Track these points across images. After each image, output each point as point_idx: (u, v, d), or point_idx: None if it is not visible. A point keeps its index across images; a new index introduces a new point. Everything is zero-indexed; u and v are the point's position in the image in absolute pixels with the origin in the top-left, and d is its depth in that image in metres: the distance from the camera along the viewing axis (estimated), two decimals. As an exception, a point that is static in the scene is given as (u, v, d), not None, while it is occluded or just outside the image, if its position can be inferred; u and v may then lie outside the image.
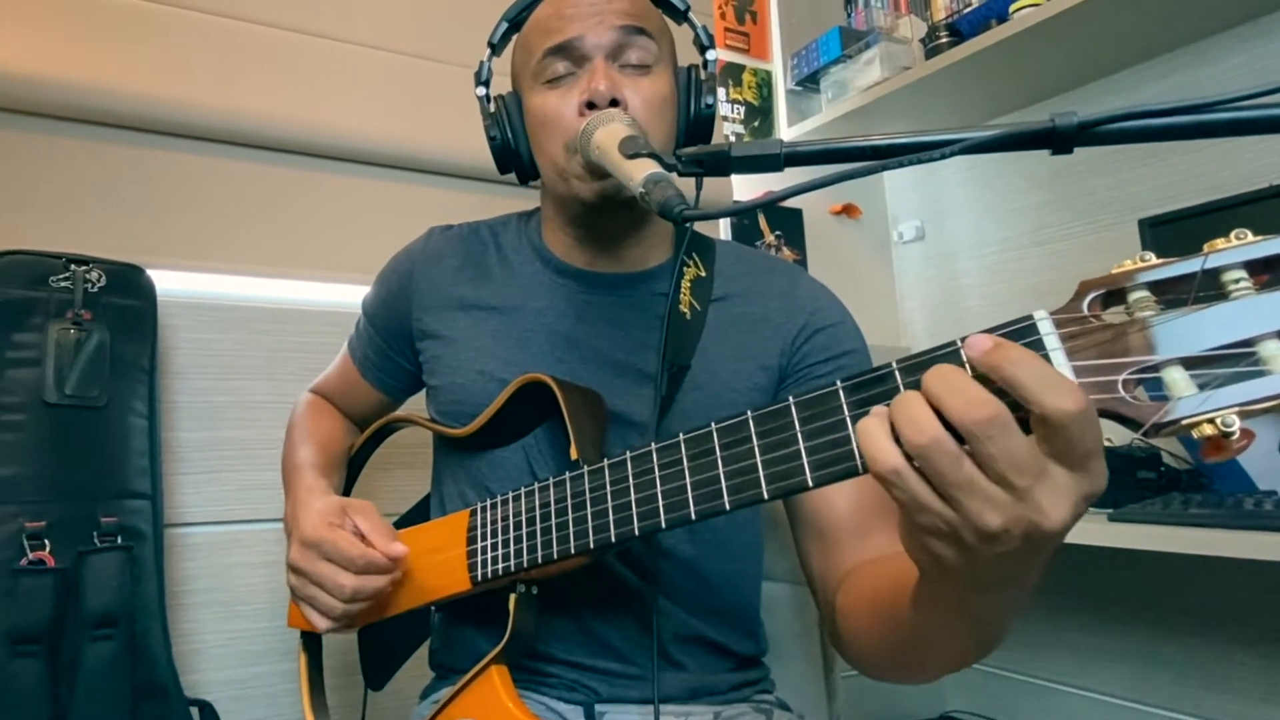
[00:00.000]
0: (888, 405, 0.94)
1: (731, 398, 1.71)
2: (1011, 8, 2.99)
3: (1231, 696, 2.63)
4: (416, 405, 2.07)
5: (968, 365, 0.92)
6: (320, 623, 1.62)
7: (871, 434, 0.94)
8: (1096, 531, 2.11)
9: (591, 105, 1.60)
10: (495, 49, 1.86)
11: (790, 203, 3.70)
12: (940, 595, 1.11)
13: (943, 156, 1.05)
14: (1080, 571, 2.94)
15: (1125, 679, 2.84)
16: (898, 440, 0.91)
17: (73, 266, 2.16)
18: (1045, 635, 3.05)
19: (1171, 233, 2.69)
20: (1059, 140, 1.03)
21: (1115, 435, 2.51)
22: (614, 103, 1.60)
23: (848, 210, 3.91)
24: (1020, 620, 2.91)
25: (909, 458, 0.91)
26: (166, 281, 2.38)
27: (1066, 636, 2.98)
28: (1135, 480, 2.42)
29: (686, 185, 1.37)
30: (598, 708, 1.66)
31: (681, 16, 1.83)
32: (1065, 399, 0.82)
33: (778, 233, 3.66)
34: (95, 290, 2.17)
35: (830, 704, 2.10)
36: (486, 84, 1.84)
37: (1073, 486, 0.87)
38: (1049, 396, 0.83)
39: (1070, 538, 2.03)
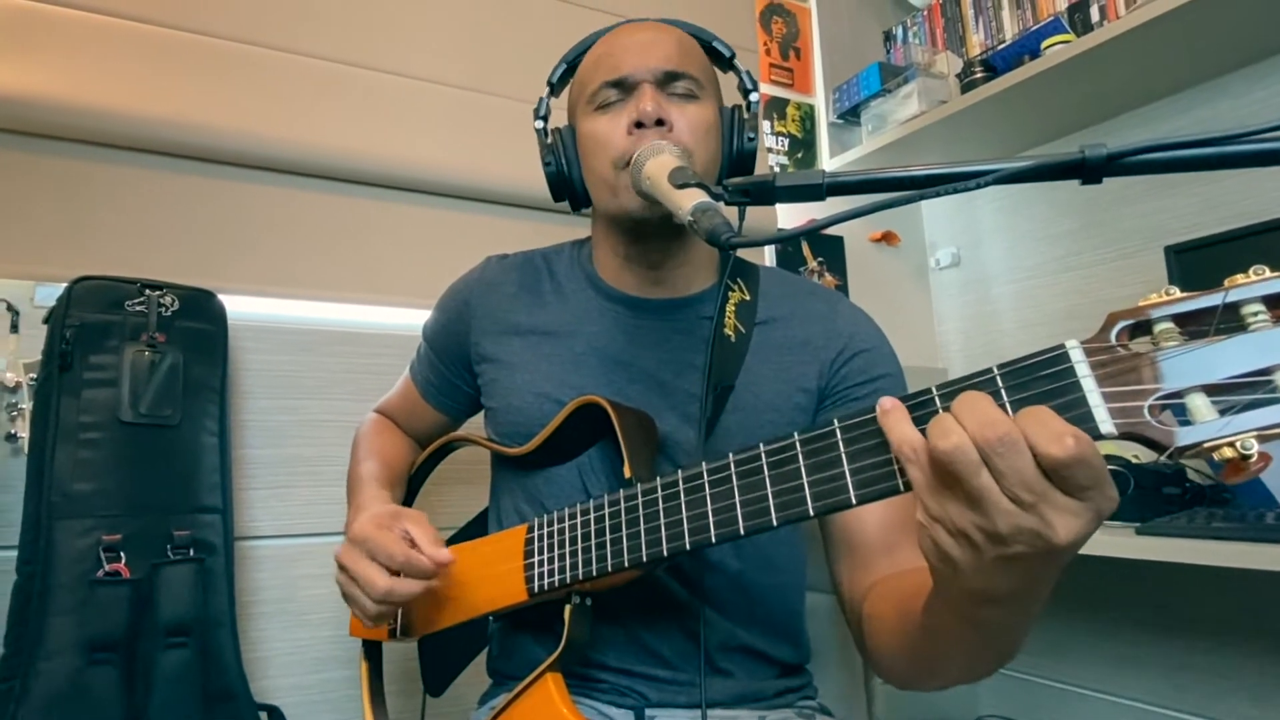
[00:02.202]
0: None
1: (773, 417, 1.73)
2: (1043, 44, 3.01)
3: (1254, 702, 2.62)
4: (474, 424, 2.09)
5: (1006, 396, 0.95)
6: (362, 619, 1.63)
7: (895, 417, 1.00)
8: (1124, 544, 2.11)
9: (639, 125, 1.63)
10: (554, 88, 1.89)
11: (832, 230, 3.72)
12: (951, 602, 1.14)
13: (978, 186, 1.07)
14: (1109, 583, 2.94)
15: (1151, 686, 2.84)
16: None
17: (147, 291, 2.19)
18: (1075, 643, 3.05)
19: (1195, 259, 2.69)
20: (1088, 171, 1.04)
21: (1142, 453, 2.51)
22: (660, 123, 1.63)
23: (887, 238, 3.91)
24: (1052, 630, 2.92)
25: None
26: (236, 305, 2.41)
27: (1095, 644, 2.98)
28: (1161, 496, 2.41)
29: (733, 214, 1.39)
30: (647, 712, 1.67)
31: (727, 64, 1.86)
32: (1053, 446, 0.86)
33: (820, 259, 3.66)
34: (169, 314, 2.19)
35: (870, 709, 2.11)
36: (545, 119, 1.87)
37: (1077, 509, 0.90)
38: (1040, 442, 0.87)
39: (1099, 550, 2.05)
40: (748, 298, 1.83)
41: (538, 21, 3.15)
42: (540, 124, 1.87)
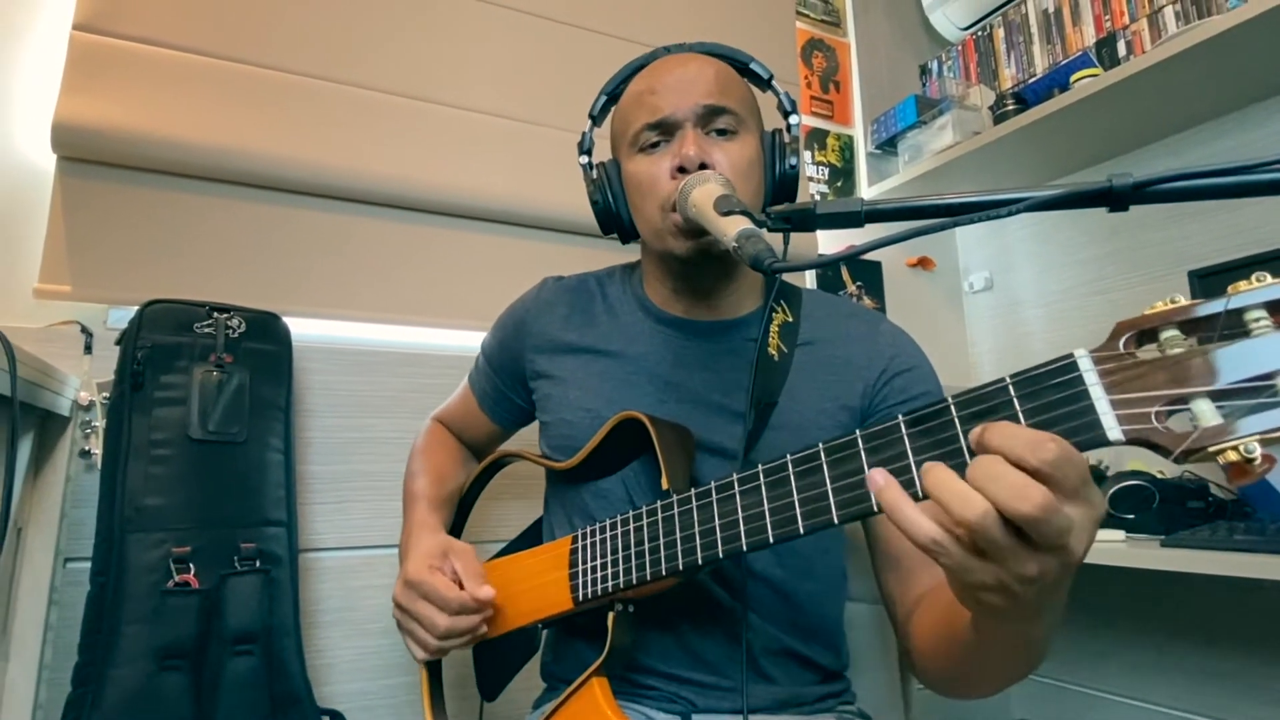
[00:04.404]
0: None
1: (816, 434, 1.65)
2: (1072, 78, 3.01)
3: (1273, 707, 2.61)
4: (530, 439, 2.09)
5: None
6: (418, 653, 1.68)
7: (904, 512, 0.96)
8: (1150, 556, 2.10)
9: (682, 169, 1.62)
10: (596, 120, 1.90)
11: (870, 255, 3.73)
12: (989, 628, 1.16)
13: (1010, 214, 1.06)
14: (1136, 593, 2.93)
15: (1174, 691, 2.82)
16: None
17: (215, 314, 2.20)
18: (1104, 650, 3.03)
19: (1218, 283, 2.67)
20: (1115, 199, 1.04)
21: (1166, 468, 2.49)
22: (702, 166, 1.61)
23: (923, 262, 3.92)
24: (1082, 638, 2.91)
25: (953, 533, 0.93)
26: (300, 327, 2.43)
27: (1123, 652, 2.96)
28: (1185, 510, 2.41)
29: (775, 240, 1.39)
30: (694, 717, 1.67)
31: (766, 85, 1.84)
32: (1041, 452, 0.86)
33: (859, 283, 3.67)
34: (236, 336, 2.21)
35: (906, 714, 2.10)
36: (589, 153, 1.88)
37: (1087, 521, 0.91)
38: (1028, 454, 0.87)
39: (1127, 562, 2.07)
40: (791, 319, 1.83)
41: (587, 55, 3.18)
42: (585, 159, 1.88)
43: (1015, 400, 0.96)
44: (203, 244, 2.45)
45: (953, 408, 1.01)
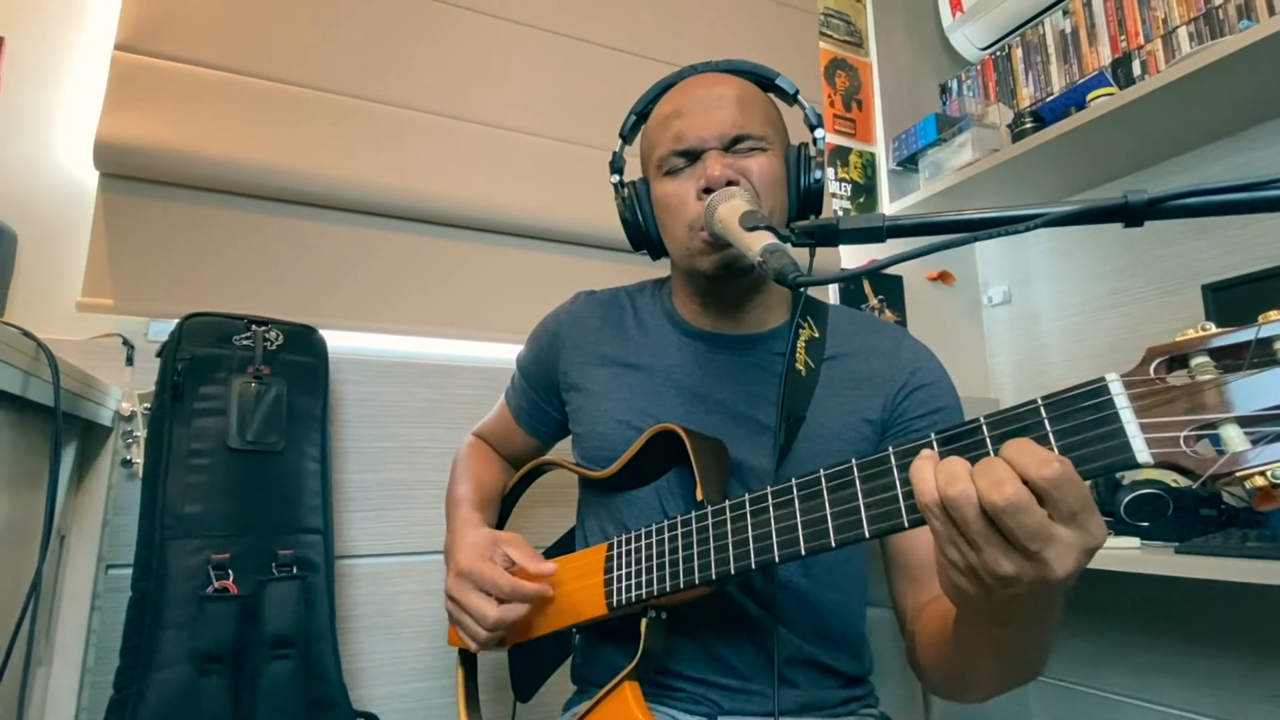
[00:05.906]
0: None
1: (840, 447, 1.72)
2: (1089, 96, 3.02)
3: (1281, 709, 2.61)
4: (564, 450, 2.10)
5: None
6: (470, 644, 1.68)
7: (921, 471, 1.00)
8: (1164, 563, 2.11)
9: (708, 190, 1.62)
10: (626, 139, 1.91)
11: (892, 270, 3.74)
12: (970, 626, 1.21)
13: (1027, 229, 1.08)
14: (1151, 599, 2.92)
15: (1189, 694, 2.81)
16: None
17: (254, 327, 2.22)
18: (1119, 654, 3.03)
19: (1231, 297, 2.70)
20: (1131, 214, 1.05)
21: (1180, 477, 2.49)
22: (729, 184, 1.61)
23: (943, 276, 3.92)
24: (1099, 643, 2.90)
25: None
26: (337, 340, 2.45)
27: (1138, 656, 2.95)
28: (1199, 518, 2.41)
29: (800, 254, 1.39)
30: (719, 719, 1.67)
31: (792, 100, 1.84)
32: (1044, 469, 0.90)
33: (880, 296, 3.68)
34: (274, 348, 2.22)
35: (926, 716, 2.10)
36: (620, 172, 1.89)
37: (1076, 544, 0.93)
38: (1032, 468, 0.90)
39: (1142, 569, 2.08)
40: (817, 334, 1.84)
41: (617, 75, 3.20)
42: (616, 178, 1.89)
43: (1046, 421, 0.97)
44: (241, 258, 2.48)
45: (984, 427, 1.02)
